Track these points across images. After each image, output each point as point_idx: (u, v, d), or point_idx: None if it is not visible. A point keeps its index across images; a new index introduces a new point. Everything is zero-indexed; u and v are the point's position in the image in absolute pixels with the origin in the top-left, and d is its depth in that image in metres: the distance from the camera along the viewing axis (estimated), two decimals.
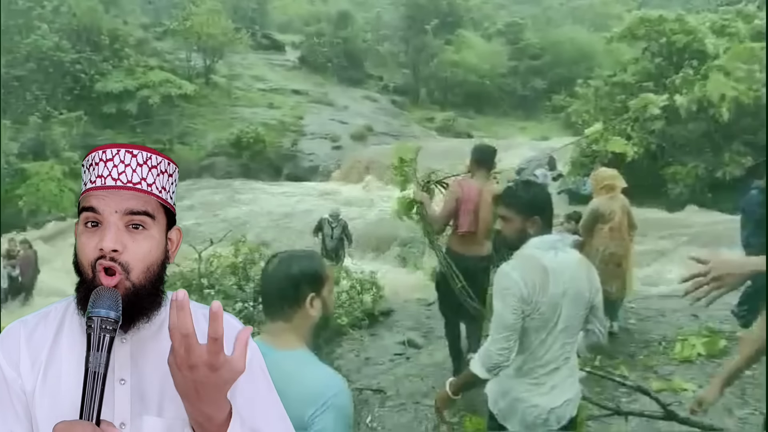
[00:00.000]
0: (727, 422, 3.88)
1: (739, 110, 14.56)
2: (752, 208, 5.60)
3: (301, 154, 25.18)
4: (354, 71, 34.27)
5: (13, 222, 17.47)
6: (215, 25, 27.97)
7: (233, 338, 1.02)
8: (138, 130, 24.23)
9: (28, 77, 23.75)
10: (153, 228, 1.04)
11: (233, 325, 1.13)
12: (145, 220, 1.02)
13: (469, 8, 38.36)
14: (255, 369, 1.12)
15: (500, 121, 33.07)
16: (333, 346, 6.44)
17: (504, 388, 2.41)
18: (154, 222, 1.04)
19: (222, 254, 7.58)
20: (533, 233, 2.35)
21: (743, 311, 5.45)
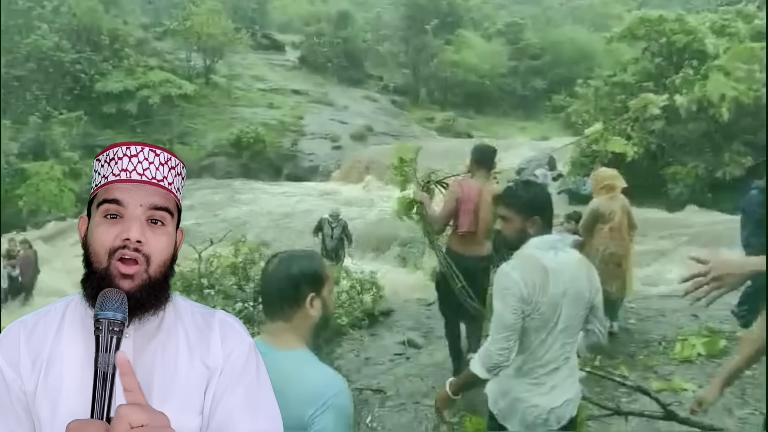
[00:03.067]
0: (727, 422, 3.88)
1: (739, 110, 14.55)
2: (752, 208, 5.60)
3: (301, 154, 25.18)
4: (354, 71, 34.28)
5: (13, 222, 17.47)
6: (215, 25, 27.98)
7: (238, 344, 1.05)
8: (138, 130, 24.22)
9: (28, 77, 23.74)
10: (170, 225, 1.08)
11: (235, 328, 1.15)
12: (165, 216, 1.06)
13: (469, 8, 38.38)
14: (248, 368, 1.13)
15: (500, 121, 33.08)
16: (333, 346, 6.44)
17: (504, 388, 2.41)
18: (172, 219, 1.08)
19: (222, 254, 7.58)
20: (533, 233, 2.35)
21: (743, 311, 5.45)
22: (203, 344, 1.10)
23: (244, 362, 1.12)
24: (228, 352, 1.11)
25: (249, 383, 1.11)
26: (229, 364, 1.10)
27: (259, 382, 1.14)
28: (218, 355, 1.10)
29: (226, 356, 1.11)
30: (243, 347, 1.13)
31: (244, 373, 1.11)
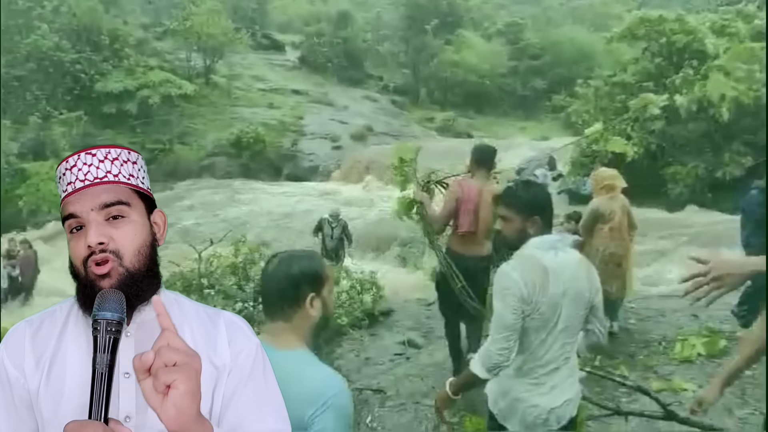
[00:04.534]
0: (727, 422, 3.88)
1: (739, 110, 14.55)
2: (752, 208, 5.60)
3: (301, 154, 25.17)
4: (354, 71, 34.28)
5: (13, 222, 17.48)
6: (215, 25, 27.97)
7: (246, 344, 1.05)
8: (138, 130, 24.23)
9: (28, 77, 23.75)
10: (132, 214, 1.07)
11: (242, 329, 1.16)
12: (122, 208, 1.06)
13: (469, 8, 38.37)
14: (256, 368, 1.13)
15: (500, 121, 33.08)
16: (333, 346, 6.43)
17: (504, 388, 2.41)
18: (131, 208, 1.07)
19: (222, 254, 7.59)
20: (533, 233, 2.34)
21: (743, 311, 5.45)
22: (210, 344, 1.10)
23: (252, 363, 1.13)
24: (236, 353, 1.11)
25: (258, 384, 1.12)
26: (238, 365, 1.11)
27: (267, 382, 1.14)
28: (226, 355, 1.11)
29: (234, 357, 1.11)
30: (251, 347, 1.14)
31: (253, 373, 1.12)
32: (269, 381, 1.15)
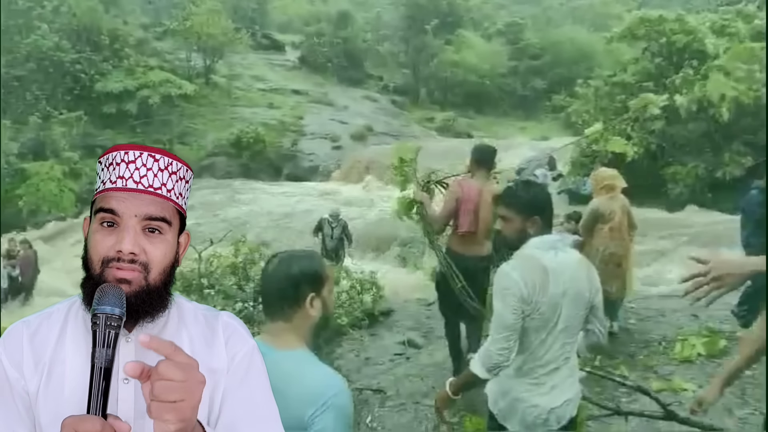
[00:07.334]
0: (727, 422, 3.88)
1: (739, 110, 14.55)
2: (752, 208, 5.60)
3: (301, 154, 25.17)
4: (354, 71, 34.26)
5: (13, 222, 17.47)
6: (215, 25, 27.97)
7: (242, 346, 1.04)
8: (138, 130, 24.23)
9: (28, 77, 23.74)
10: (168, 233, 1.05)
11: (238, 331, 1.15)
12: (162, 225, 1.03)
13: (469, 8, 38.36)
14: (251, 371, 1.13)
15: (500, 121, 33.07)
16: (333, 346, 6.44)
17: (504, 388, 2.41)
18: (170, 228, 1.05)
19: (222, 254, 7.59)
20: (533, 233, 2.34)
21: (743, 311, 5.45)
22: (207, 349, 1.10)
23: (247, 365, 1.12)
24: (232, 355, 1.11)
25: (252, 386, 1.12)
26: (233, 367, 1.11)
27: (261, 384, 1.14)
28: (222, 357, 1.10)
29: (230, 359, 1.11)
30: (246, 350, 1.13)
31: (247, 376, 1.12)
32: (263, 384, 1.14)
